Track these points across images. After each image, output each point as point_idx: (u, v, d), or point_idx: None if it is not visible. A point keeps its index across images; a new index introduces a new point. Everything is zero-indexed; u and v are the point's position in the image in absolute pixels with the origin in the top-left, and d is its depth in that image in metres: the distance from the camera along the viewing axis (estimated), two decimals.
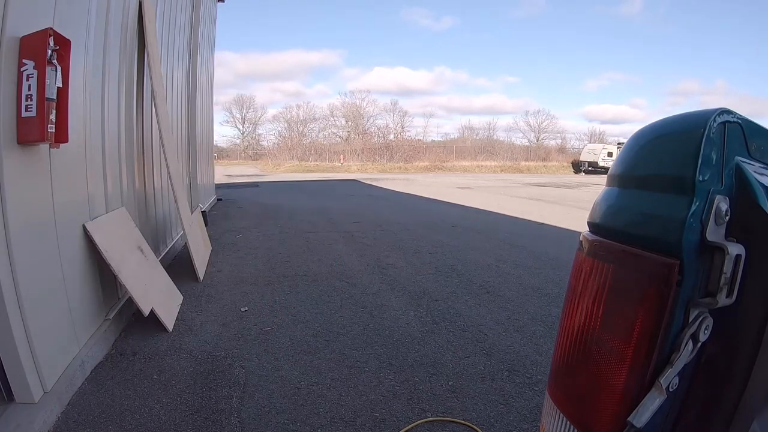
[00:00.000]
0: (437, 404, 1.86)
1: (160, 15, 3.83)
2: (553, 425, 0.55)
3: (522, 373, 2.14)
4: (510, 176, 23.16)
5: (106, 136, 2.43)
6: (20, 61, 1.53)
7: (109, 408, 1.76)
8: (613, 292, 0.48)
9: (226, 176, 16.84)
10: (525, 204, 9.63)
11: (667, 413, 0.46)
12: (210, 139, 9.16)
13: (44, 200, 1.76)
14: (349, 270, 3.89)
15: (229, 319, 2.71)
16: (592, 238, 0.53)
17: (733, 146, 0.45)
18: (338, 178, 19.26)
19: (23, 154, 1.60)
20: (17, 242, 1.53)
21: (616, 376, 0.47)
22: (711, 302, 0.43)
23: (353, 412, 1.79)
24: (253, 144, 38.10)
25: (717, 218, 0.43)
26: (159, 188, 3.81)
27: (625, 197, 0.51)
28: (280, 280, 3.57)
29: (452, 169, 28.11)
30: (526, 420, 1.78)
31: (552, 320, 2.81)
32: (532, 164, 31.28)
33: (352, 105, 36.56)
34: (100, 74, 2.35)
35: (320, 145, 33.63)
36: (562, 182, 18.52)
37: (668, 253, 0.43)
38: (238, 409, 1.79)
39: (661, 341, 0.43)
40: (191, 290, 3.22)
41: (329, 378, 2.05)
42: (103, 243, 2.17)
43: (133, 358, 2.18)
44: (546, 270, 4.02)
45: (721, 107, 0.45)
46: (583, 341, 0.51)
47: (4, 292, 1.47)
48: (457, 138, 37.33)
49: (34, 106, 1.54)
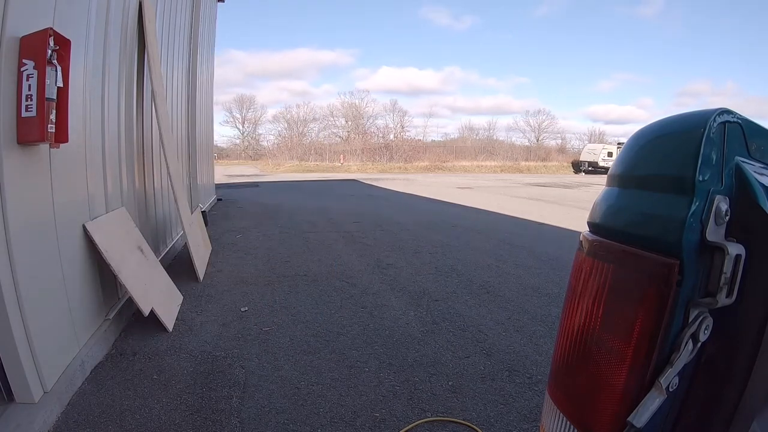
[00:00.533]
0: (437, 404, 1.86)
1: (160, 15, 3.83)
2: (553, 425, 0.55)
3: (522, 373, 2.14)
4: (510, 176, 23.16)
5: (106, 136, 2.43)
6: (20, 61, 1.52)
7: (109, 408, 1.76)
8: (613, 292, 0.48)
9: (226, 176, 16.85)
10: (525, 204, 9.63)
11: (667, 413, 0.46)
12: (210, 139, 9.16)
13: (44, 200, 1.76)
14: (349, 270, 3.89)
15: (229, 319, 2.71)
16: (592, 238, 0.53)
17: (733, 146, 0.45)
18: (338, 178, 19.26)
19: (23, 154, 1.60)
20: (17, 242, 1.53)
21: (616, 376, 0.47)
22: (711, 302, 0.43)
23: (353, 412, 1.79)
24: (253, 144, 38.13)
25: (717, 218, 0.43)
26: (159, 188, 3.81)
27: (625, 197, 0.51)
28: (280, 280, 3.57)
29: (452, 169, 28.12)
30: (526, 420, 1.78)
31: (552, 320, 2.81)
32: (532, 164, 31.28)
33: (352, 105, 36.60)
34: (100, 74, 2.35)
35: (320, 145, 33.66)
36: (562, 182, 18.52)
37: (668, 253, 0.43)
38: (238, 409, 1.79)
39: (661, 341, 0.43)
40: (191, 290, 3.22)
41: (329, 378, 2.05)
42: (103, 243, 2.17)
43: (133, 358, 2.18)
44: (546, 270, 4.02)
45: (721, 107, 0.45)
46: (583, 341, 0.51)
47: (4, 292, 1.47)
48: (457, 138, 37.40)
49: (34, 106, 1.54)
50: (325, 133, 36.39)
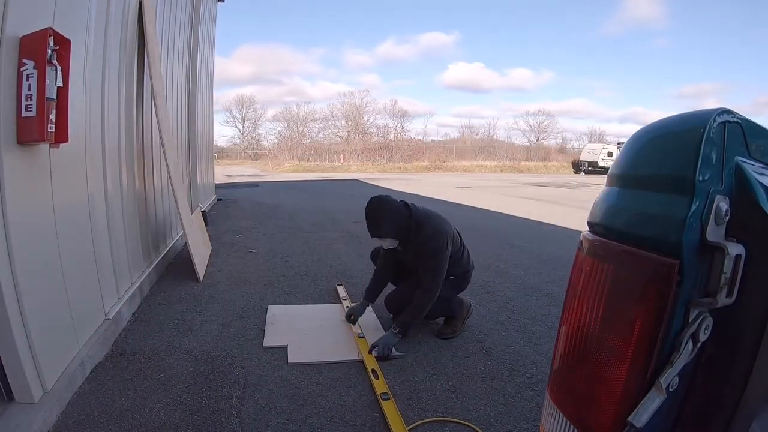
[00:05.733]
0: (437, 404, 1.86)
1: (160, 15, 3.83)
2: (553, 425, 0.55)
3: (522, 373, 2.14)
4: (510, 176, 23.15)
5: (106, 135, 2.43)
6: (20, 60, 1.52)
7: (109, 408, 1.76)
8: (613, 292, 0.48)
9: (226, 176, 16.83)
10: (525, 204, 9.63)
11: (667, 413, 0.46)
12: (210, 138, 9.15)
13: (44, 200, 1.76)
14: (350, 270, 3.89)
15: (229, 319, 2.71)
16: (592, 238, 0.53)
17: (733, 146, 0.45)
18: (338, 177, 19.26)
19: (23, 154, 1.60)
20: (17, 242, 1.53)
21: (616, 376, 0.47)
22: (711, 302, 0.43)
23: (353, 412, 1.79)
24: (253, 144, 38.08)
25: (717, 218, 0.43)
26: (159, 188, 3.81)
27: (625, 197, 0.51)
28: (280, 280, 3.57)
29: (452, 169, 28.09)
30: (526, 420, 1.78)
31: (552, 320, 2.81)
32: (532, 164, 31.25)
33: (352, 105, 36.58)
34: (100, 74, 2.35)
35: (320, 145, 33.60)
36: (562, 182, 18.51)
37: (668, 253, 0.43)
38: (238, 409, 1.79)
39: (661, 341, 0.43)
40: (191, 290, 3.22)
41: (329, 378, 2.05)
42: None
43: (133, 358, 2.18)
44: (546, 270, 4.02)
45: (721, 107, 0.45)
46: (583, 341, 0.52)
47: (4, 292, 1.47)
48: (457, 138, 37.35)
49: (34, 105, 1.54)
50: (325, 133, 36.40)
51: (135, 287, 2.82)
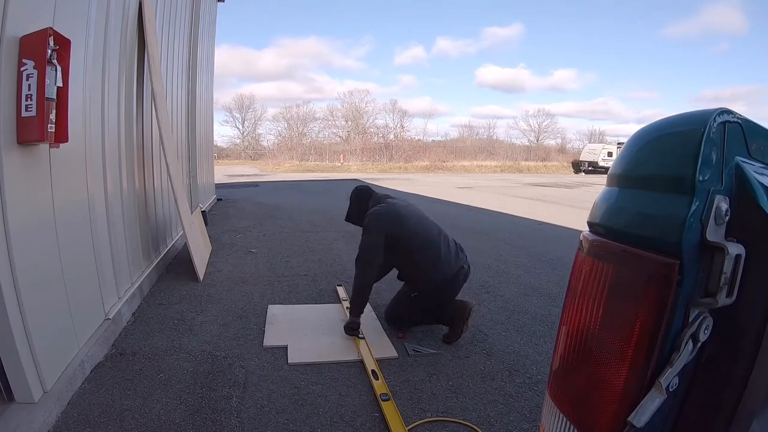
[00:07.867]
0: (437, 404, 1.86)
1: (160, 15, 3.83)
2: (553, 425, 0.55)
3: (522, 373, 2.14)
4: (510, 176, 23.15)
5: (106, 135, 2.43)
6: (20, 60, 1.52)
7: (109, 408, 1.76)
8: (613, 292, 0.48)
9: (226, 176, 16.83)
10: (525, 204, 9.63)
11: (667, 413, 0.46)
12: (210, 138, 9.15)
13: (44, 200, 1.76)
14: (350, 270, 3.89)
15: (229, 319, 2.71)
16: (592, 238, 0.53)
17: (733, 146, 0.45)
18: (338, 177, 19.25)
19: (23, 154, 1.60)
20: (17, 242, 1.53)
21: (616, 376, 0.47)
22: (711, 302, 0.43)
23: (353, 412, 1.79)
24: (253, 144, 38.06)
25: (717, 218, 0.43)
26: (159, 188, 3.81)
27: (625, 197, 0.51)
28: (280, 280, 3.57)
29: (452, 169, 28.09)
30: (526, 420, 1.78)
31: (552, 320, 2.81)
32: (532, 164, 31.23)
33: (351, 105, 36.58)
34: (100, 74, 2.35)
35: (320, 145, 33.59)
36: (562, 182, 18.51)
37: (668, 253, 0.43)
38: (238, 409, 1.79)
39: (661, 341, 0.43)
40: (191, 290, 3.22)
41: (329, 378, 2.05)
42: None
43: (133, 358, 2.18)
44: (546, 270, 4.02)
45: (721, 107, 0.45)
46: (583, 341, 0.52)
47: (3, 292, 1.47)
48: (457, 138, 37.35)
49: (34, 105, 1.54)
50: (325, 133, 36.39)
51: (135, 287, 2.82)
